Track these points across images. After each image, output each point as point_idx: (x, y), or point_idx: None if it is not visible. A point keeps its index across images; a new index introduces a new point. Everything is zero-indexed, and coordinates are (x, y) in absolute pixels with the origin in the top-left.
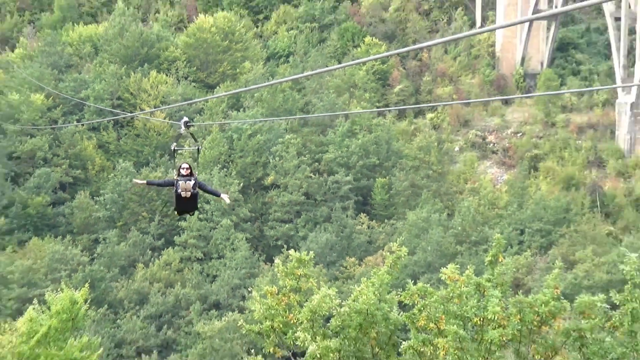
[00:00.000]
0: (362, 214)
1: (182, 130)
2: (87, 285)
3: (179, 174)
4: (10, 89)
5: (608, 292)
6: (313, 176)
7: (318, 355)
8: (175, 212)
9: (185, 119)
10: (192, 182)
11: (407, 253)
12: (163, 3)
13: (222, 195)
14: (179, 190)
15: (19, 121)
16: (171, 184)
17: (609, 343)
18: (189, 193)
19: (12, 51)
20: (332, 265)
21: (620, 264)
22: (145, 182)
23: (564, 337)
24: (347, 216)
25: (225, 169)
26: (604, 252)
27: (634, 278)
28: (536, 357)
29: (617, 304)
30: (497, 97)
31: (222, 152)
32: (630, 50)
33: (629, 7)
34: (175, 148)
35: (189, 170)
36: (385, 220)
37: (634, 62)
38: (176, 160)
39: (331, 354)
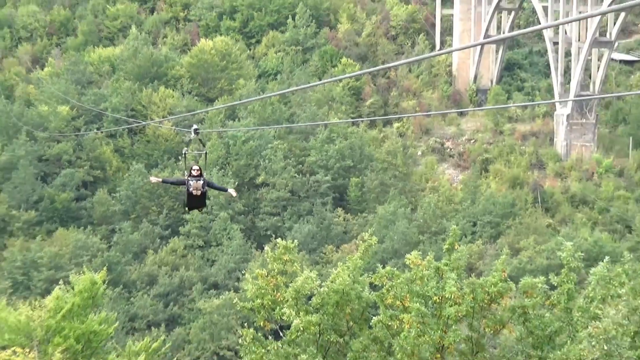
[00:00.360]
0: (339, 208)
1: (192, 136)
2: (105, 268)
3: (190, 175)
4: (40, 102)
5: (547, 275)
6: (297, 176)
7: (301, 328)
8: (186, 208)
9: (195, 126)
10: (202, 181)
11: (377, 242)
12: (170, 29)
13: (230, 190)
14: (190, 189)
15: (48, 129)
16: (183, 182)
17: (548, 318)
18: (199, 191)
19: (42, 69)
20: (313, 252)
21: (557, 251)
22: (160, 180)
23: (510, 313)
24: (326, 210)
25: (222, 170)
26: (544, 241)
27: (569, 263)
28: (487, 330)
29: (555, 285)
30: (453, 110)
31: (220, 155)
32: (567, 70)
33: (565, 33)
34: (186, 152)
35: (199, 172)
36: (359, 214)
37: (570, 80)
38: (186, 162)
39: (312, 327)
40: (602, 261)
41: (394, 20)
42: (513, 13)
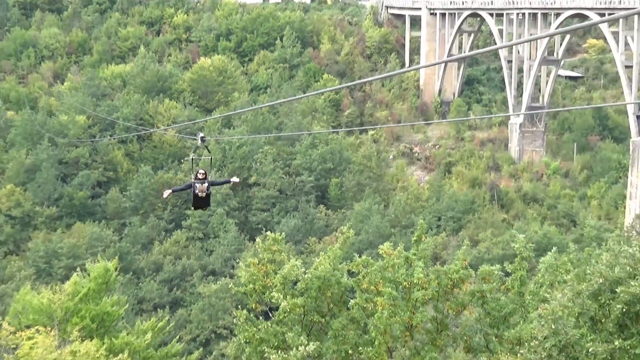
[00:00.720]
0: (321, 205)
1: (199, 143)
2: (117, 257)
3: (196, 178)
4: (61, 112)
5: (503, 263)
6: (284, 177)
7: (288, 310)
8: (193, 208)
9: (202, 134)
10: (207, 184)
11: (354, 234)
12: (174, 49)
13: (232, 179)
14: (197, 191)
15: (67, 136)
16: (190, 186)
17: (503, 301)
18: (204, 193)
19: (62, 84)
20: (298, 243)
21: (511, 242)
22: (171, 191)
23: (470, 297)
24: (310, 207)
25: (219, 172)
26: (499, 234)
27: (521, 253)
28: (450, 311)
29: (509, 272)
30: (420, 122)
31: (217, 159)
32: (519, 85)
33: (518, 52)
34: (193, 157)
35: (204, 175)
36: (338, 210)
37: (522, 93)
38: (193, 166)
39: (297, 309)
40: (550, 251)
41: (369, 41)
42: (472, 35)
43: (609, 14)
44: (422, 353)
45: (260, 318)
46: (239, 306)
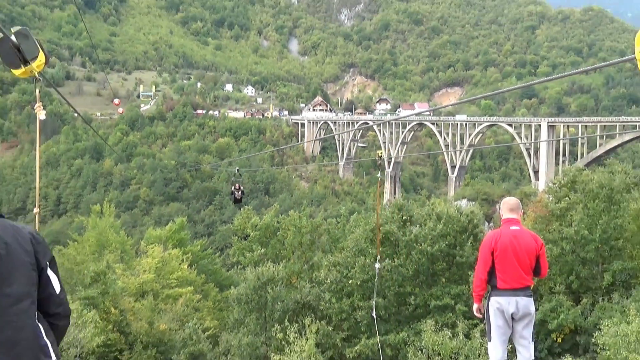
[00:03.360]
0: (266, 196)
1: (236, 172)
2: (186, 216)
3: (234, 188)
4: (164, 160)
5: (336, 219)
6: (252, 184)
7: (253, 236)
8: (233, 203)
9: (237, 167)
10: (241, 191)
11: (279, 207)
12: (209, 135)
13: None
14: (236, 195)
15: (167, 168)
16: (232, 192)
17: (337, 233)
18: (240, 195)
19: (165, 148)
20: (257, 210)
21: (340, 211)
22: (231, 191)
23: (324, 231)
24: (262, 197)
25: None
26: (336, 208)
27: (344, 215)
28: (316, 237)
29: (339, 222)
30: (305, 165)
31: (226, 177)
32: (343, 149)
33: (341, 137)
34: (234, 179)
35: (239, 187)
36: (273, 197)
37: (344, 152)
38: (234, 184)
39: (257, 236)
40: (354, 214)
41: (285, 132)
42: (324, 130)
43: (378, 122)
44: (306, 253)
45: (243, 239)
46: (234, 234)
